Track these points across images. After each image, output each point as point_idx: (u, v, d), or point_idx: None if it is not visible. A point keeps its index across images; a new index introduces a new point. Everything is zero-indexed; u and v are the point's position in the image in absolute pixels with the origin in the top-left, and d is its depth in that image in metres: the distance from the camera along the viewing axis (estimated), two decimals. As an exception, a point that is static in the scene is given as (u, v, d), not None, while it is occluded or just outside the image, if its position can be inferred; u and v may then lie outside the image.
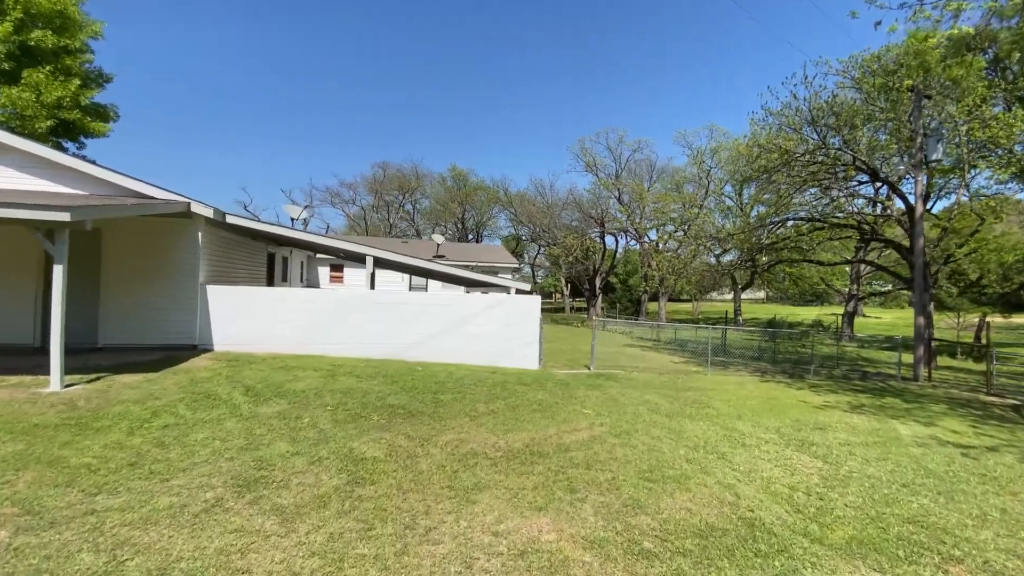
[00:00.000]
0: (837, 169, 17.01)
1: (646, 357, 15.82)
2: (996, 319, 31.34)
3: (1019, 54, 18.35)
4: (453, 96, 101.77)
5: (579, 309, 60.44)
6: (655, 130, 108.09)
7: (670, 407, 7.84)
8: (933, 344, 13.70)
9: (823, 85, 16.31)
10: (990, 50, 17.23)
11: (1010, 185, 20.30)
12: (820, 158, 16.72)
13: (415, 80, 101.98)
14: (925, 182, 13.65)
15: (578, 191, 48.19)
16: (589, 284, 51.83)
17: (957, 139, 14.96)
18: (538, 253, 61.26)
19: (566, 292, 67.99)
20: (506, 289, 12.58)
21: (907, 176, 17.94)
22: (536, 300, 11.07)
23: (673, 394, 9.03)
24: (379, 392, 7.35)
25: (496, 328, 10.61)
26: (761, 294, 68.77)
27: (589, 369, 11.58)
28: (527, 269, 68.71)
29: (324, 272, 21.31)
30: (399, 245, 25.10)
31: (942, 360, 20.49)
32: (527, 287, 12.28)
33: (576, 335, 23.89)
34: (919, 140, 13.87)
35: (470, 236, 68.15)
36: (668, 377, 11.09)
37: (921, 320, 13.50)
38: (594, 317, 42.05)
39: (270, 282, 15.47)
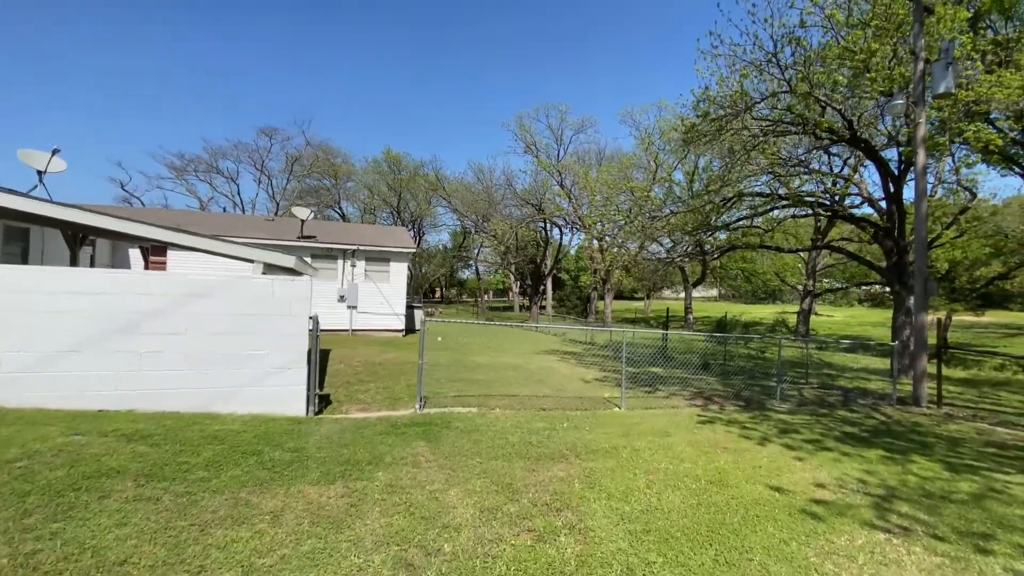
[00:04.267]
0: (806, 126, 13.04)
1: (553, 373, 11.25)
2: (967, 317, 29.12)
3: (998, 12, 15.26)
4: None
5: (529, 308, 55.99)
6: (605, 115, 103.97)
7: (480, 536, 3.14)
8: (941, 353, 9.94)
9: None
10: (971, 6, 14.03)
11: (982, 167, 17.30)
12: (784, 105, 12.71)
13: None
14: (923, 130, 9.75)
15: (512, 172, 43.67)
16: (532, 280, 47.50)
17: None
18: (481, 246, 56.40)
19: (515, 289, 63.60)
20: (281, 267, 7.61)
21: (894, 135, 14.27)
22: (304, 286, 6.21)
23: (521, 479, 4.35)
24: None
25: (210, 338, 5.63)
26: (714, 292, 66.71)
27: (416, 409, 6.79)
28: (476, 266, 63.80)
29: (136, 257, 15.79)
30: (261, 224, 19.63)
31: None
32: (289, 261, 7.37)
33: (498, 339, 19.19)
34: (920, 67, 9.94)
35: (410, 228, 62.51)
36: (546, 422, 6.45)
37: (924, 319, 9.54)
38: (541, 315, 37.66)
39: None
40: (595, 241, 37.20)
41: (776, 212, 16.94)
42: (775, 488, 4.33)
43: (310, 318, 6.22)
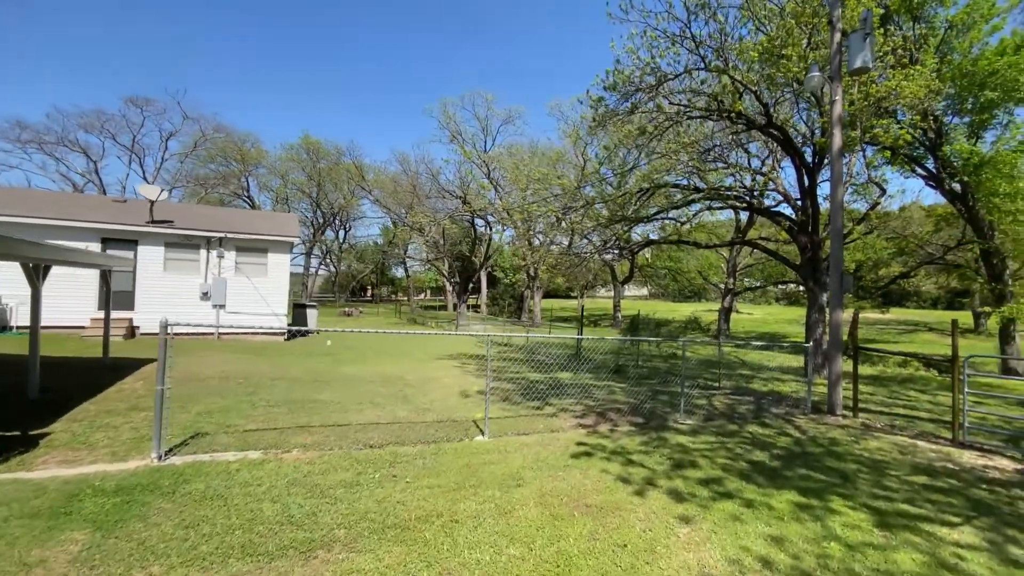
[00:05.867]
0: (721, 108, 12.02)
1: (433, 385, 9.31)
2: (872, 314, 30.48)
3: (905, 12, 15.23)
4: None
5: (457, 307, 53.65)
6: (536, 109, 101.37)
7: None
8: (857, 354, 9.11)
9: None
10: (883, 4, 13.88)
11: (887, 169, 17.52)
12: (699, 80, 11.61)
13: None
14: (839, 107, 8.83)
15: (437, 162, 41.29)
16: (461, 278, 45.46)
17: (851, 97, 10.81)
18: (409, 242, 53.50)
19: (449, 288, 61.07)
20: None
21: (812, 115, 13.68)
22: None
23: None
24: None
25: None
26: (644, 291, 67.89)
27: (154, 459, 4.56)
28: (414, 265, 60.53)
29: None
30: (107, 205, 16.16)
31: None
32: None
33: (401, 342, 16.95)
34: (836, 38, 8.99)
35: (336, 221, 58.28)
36: (353, 471, 4.50)
37: (839, 316, 8.57)
38: (463, 314, 35.62)
39: None
40: (523, 238, 35.81)
41: (694, 206, 16.07)
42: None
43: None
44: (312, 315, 18.70)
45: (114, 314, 14.11)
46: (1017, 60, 13.76)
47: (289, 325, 19.64)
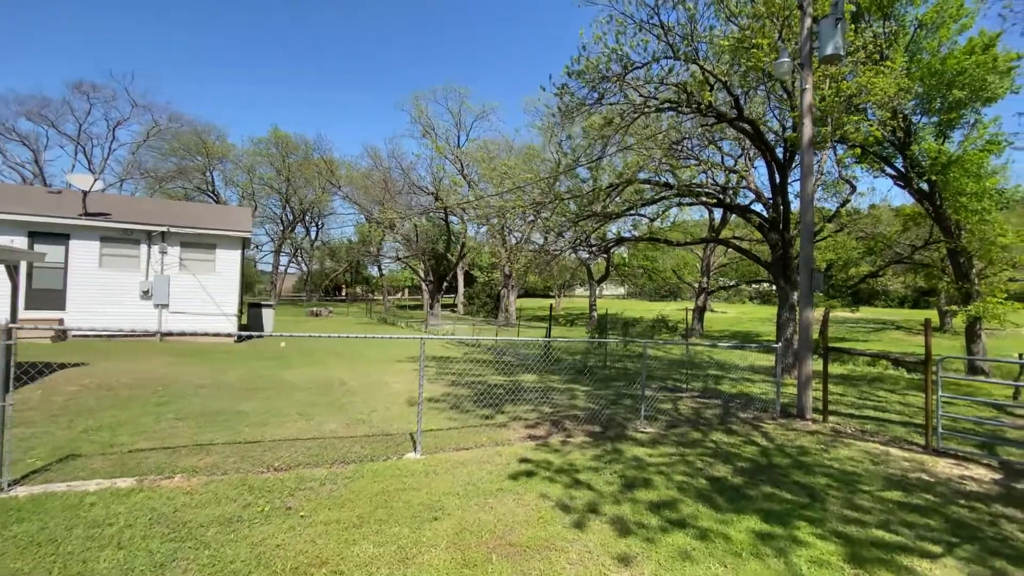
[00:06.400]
0: (690, 98, 11.57)
1: (379, 392, 8.58)
2: (842, 313, 30.74)
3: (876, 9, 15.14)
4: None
5: (443, 306, 52.56)
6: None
7: None
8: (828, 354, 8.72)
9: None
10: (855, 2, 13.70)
11: (859, 170, 17.48)
12: (666, 69, 11.13)
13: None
14: (809, 96, 8.42)
15: (410, 158, 40.06)
16: (434, 276, 44.55)
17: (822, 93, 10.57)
18: (382, 239, 52.28)
19: (425, 288, 59.88)
20: None
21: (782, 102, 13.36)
22: None
23: None
24: None
25: None
26: (621, 290, 67.98)
27: None
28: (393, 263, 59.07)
29: None
30: (39, 196, 14.87)
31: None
32: None
33: (361, 344, 16.09)
34: (807, 23, 8.57)
35: (307, 218, 56.50)
36: (238, 504, 3.77)
37: (810, 316, 8.15)
38: (430, 315, 34.71)
39: None
40: (497, 235, 35.14)
41: (664, 202, 15.65)
42: None
43: None
44: (268, 315, 17.67)
45: (40, 314, 12.93)
46: (985, 59, 13.71)
47: (243, 326, 18.55)
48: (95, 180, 13.96)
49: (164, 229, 14.13)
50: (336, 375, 9.82)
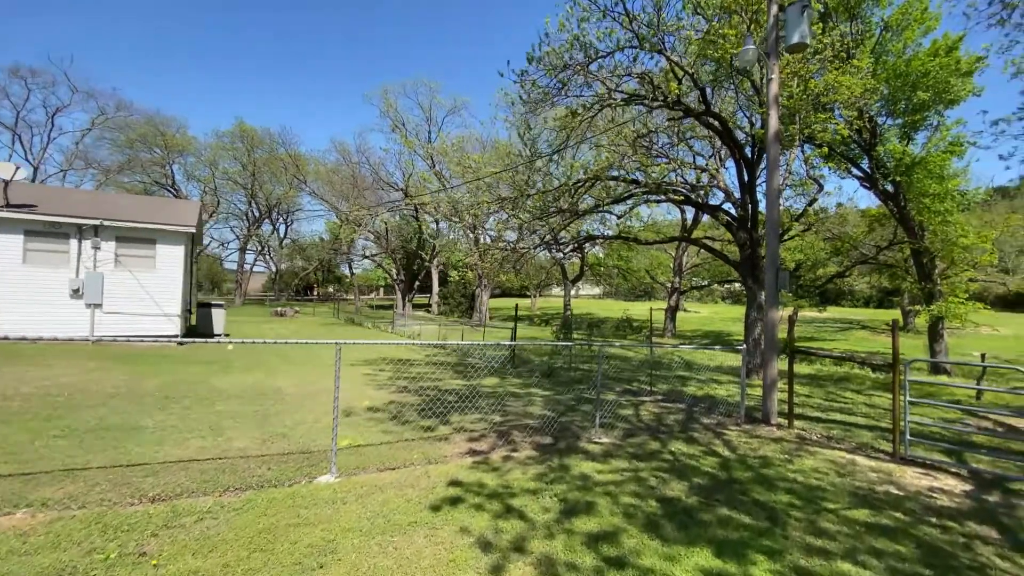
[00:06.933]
0: (656, 90, 11.16)
1: (316, 401, 7.84)
2: (810, 312, 31.08)
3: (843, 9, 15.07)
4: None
5: (418, 306, 51.37)
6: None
7: None
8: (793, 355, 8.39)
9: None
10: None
11: (826, 170, 17.48)
12: (631, 58, 10.68)
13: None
14: (775, 86, 8.08)
15: (374, 150, 38.95)
16: (405, 275, 43.57)
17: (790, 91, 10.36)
18: (352, 237, 50.90)
19: (397, 288, 58.55)
20: None
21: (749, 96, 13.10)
22: None
23: None
24: None
25: None
26: (597, 290, 68.03)
27: None
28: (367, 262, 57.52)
29: None
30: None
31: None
32: None
33: (319, 346, 15.15)
34: (774, 10, 8.22)
35: (274, 215, 54.52)
36: (89, 545, 3.07)
37: (775, 316, 7.78)
38: (399, 312, 33.72)
39: None
40: (470, 233, 34.43)
41: (633, 199, 15.26)
42: None
43: None
44: (219, 315, 16.59)
45: (-51, 315, 11.70)
46: (948, 62, 13.75)
47: (191, 327, 17.42)
48: (16, 168, 12.73)
49: (97, 223, 13.00)
50: (274, 382, 9.02)
